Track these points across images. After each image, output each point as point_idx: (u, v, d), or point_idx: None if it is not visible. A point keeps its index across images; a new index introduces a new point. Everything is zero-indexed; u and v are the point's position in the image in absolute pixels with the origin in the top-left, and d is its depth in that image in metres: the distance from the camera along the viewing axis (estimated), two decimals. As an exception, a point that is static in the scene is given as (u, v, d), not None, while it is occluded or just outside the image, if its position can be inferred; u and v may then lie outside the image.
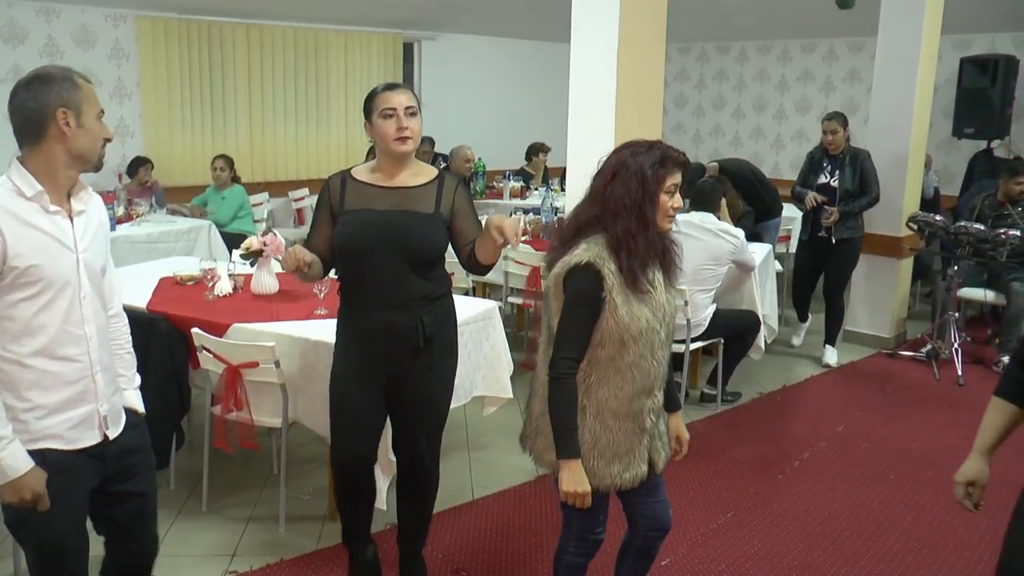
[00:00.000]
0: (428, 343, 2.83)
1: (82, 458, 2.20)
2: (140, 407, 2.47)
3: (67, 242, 2.14)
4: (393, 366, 2.84)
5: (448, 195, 2.84)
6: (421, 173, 2.87)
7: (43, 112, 2.08)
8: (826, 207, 5.69)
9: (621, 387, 2.38)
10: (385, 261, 2.74)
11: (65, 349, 2.14)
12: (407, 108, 2.74)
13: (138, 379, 2.51)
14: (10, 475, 2.04)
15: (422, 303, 2.80)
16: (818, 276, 6.08)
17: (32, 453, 2.11)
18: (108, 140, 2.21)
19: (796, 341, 6.34)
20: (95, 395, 2.21)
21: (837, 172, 5.72)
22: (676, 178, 2.38)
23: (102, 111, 2.20)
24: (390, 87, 2.80)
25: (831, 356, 6.00)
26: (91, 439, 2.21)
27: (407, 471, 3.07)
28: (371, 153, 3.02)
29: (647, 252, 2.36)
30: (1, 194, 2.06)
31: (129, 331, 2.49)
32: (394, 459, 3.15)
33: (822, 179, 5.79)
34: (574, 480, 2.35)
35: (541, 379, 2.48)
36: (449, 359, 2.96)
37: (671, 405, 2.63)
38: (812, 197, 5.75)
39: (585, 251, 2.34)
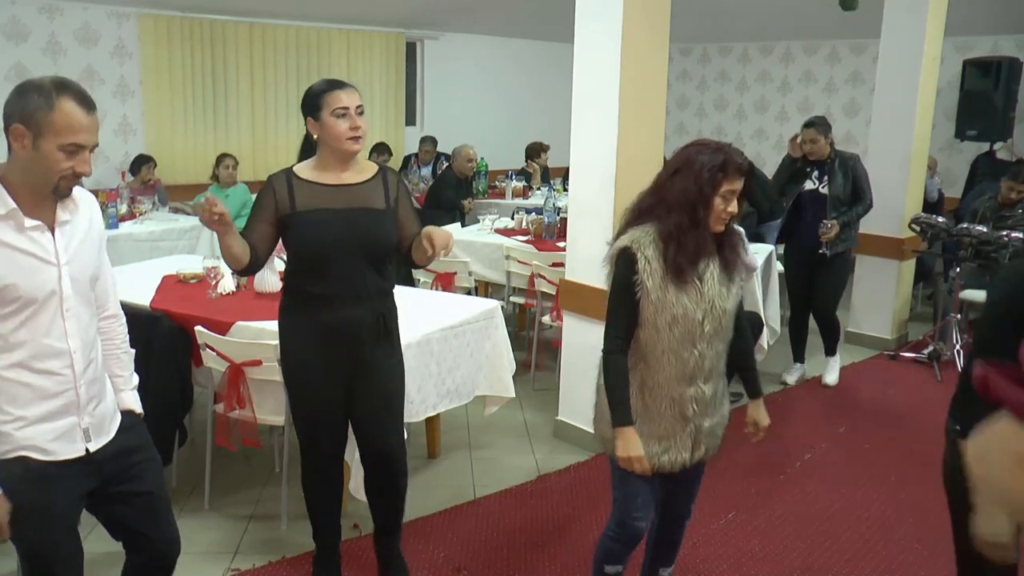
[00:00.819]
0: (388, 335, 2.91)
1: (68, 467, 2.14)
2: (138, 408, 2.42)
3: (47, 257, 2.05)
4: (355, 361, 2.87)
5: (393, 189, 2.90)
6: (364, 169, 2.90)
7: (6, 123, 1.99)
8: (825, 221, 5.16)
9: (658, 370, 2.49)
10: (347, 259, 2.78)
11: (46, 363, 2.07)
12: (358, 107, 2.77)
13: (135, 379, 2.46)
14: None
15: (378, 297, 2.87)
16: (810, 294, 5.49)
17: (13, 460, 2.06)
18: (78, 175, 2.03)
19: (790, 379, 5.61)
20: (78, 408, 2.14)
21: (826, 178, 5.25)
22: (735, 184, 2.44)
23: (75, 145, 1.99)
24: (338, 85, 2.81)
25: (832, 374, 5.58)
26: (73, 452, 2.15)
27: (379, 469, 3.08)
28: (306, 150, 2.92)
29: (697, 248, 2.44)
30: None
31: (127, 331, 2.44)
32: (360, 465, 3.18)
33: (809, 185, 5.30)
34: (627, 446, 2.48)
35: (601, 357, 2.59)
36: (400, 351, 3.02)
37: (750, 390, 2.79)
38: (832, 226, 5.16)
39: (628, 237, 2.47)
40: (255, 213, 2.84)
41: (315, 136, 2.81)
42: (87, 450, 2.18)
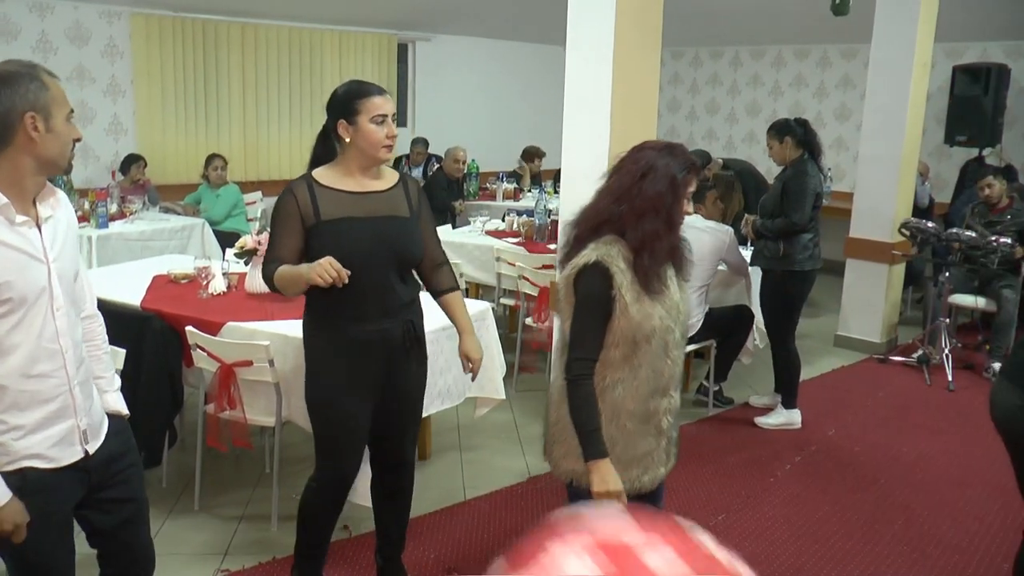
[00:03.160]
0: (418, 342, 2.85)
1: (65, 474, 2.11)
2: (124, 410, 2.36)
3: (36, 253, 2.01)
4: (386, 373, 2.78)
5: (415, 198, 2.83)
6: (384, 176, 2.79)
7: (9, 117, 1.91)
8: (748, 216, 4.94)
9: (636, 388, 2.36)
10: (378, 269, 2.68)
11: (40, 366, 2.02)
12: (393, 115, 2.71)
13: (118, 380, 2.41)
14: None
15: (407, 306, 2.79)
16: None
17: (13, 473, 2.01)
18: (78, 140, 2.06)
19: (756, 402, 5.24)
20: (74, 410, 2.10)
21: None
22: (694, 184, 2.40)
23: (71, 111, 2.03)
24: (377, 90, 2.69)
25: (771, 416, 4.91)
26: (73, 456, 2.11)
27: (391, 475, 3.03)
28: (321, 152, 2.78)
29: (669, 253, 2.38)
30: None
31: (105, 331, 2.37)
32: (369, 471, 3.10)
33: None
34: (604, 480, 2.29)
35: (557, 386, 2.45)
36: (426, 359, 2.96)
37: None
38: (748, 222, 4.96)
39: (593, 250, 2.33)
40: (281, 227, 2.68)
41: (346, 139, 2.67)
42: (86, 452, 2.14)
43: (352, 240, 2.64)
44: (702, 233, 4.60)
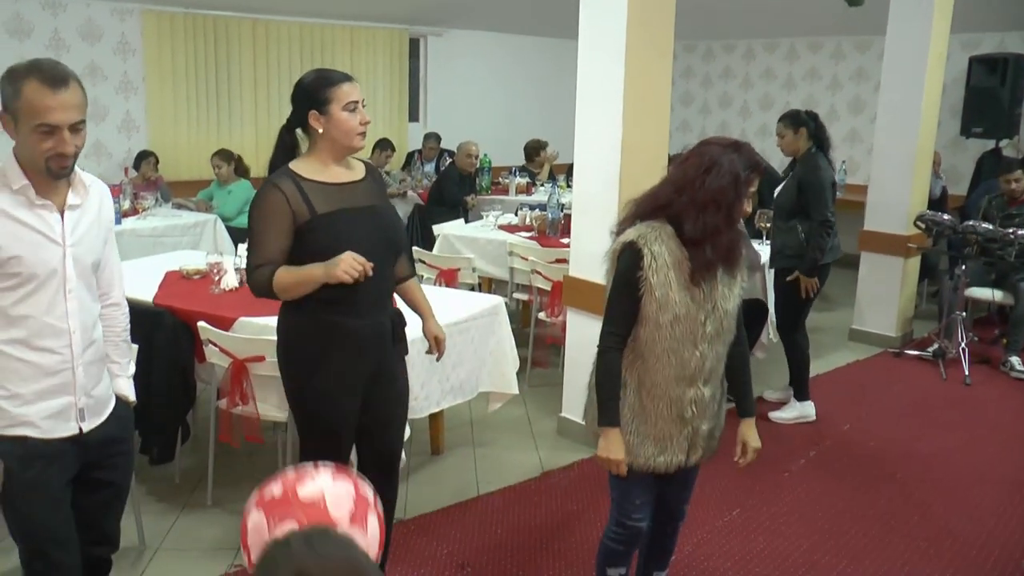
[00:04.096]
0: (401, 336, 2.83)
1: (63, 446, 2.21)
2: (131, 396, 2.48)
3: (53, 235, 2.12)
4: (377, 367, 2.72)
5: (380, 187, 2.82)
6: (355, 167, 2.73)
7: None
8: (763, 211, 4.82)
9: (658, 369, 2.44)
10: (376, 260, 2.57)
11: (45, 341, 2.13)
12: (363, 101, 2.63)
13: (132, 368, 2.52)
14: None
15: (390, 297, 2.81)
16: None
17: (12, 439, 2.13)
18: (60, 155, 2.05)
19: (769, 395, 5.13)
20: (73, 388, 2.20)
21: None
22: (755, 183, 2.45)
23: (46, 125, 2.00)
24: (344, 77, 2.61)
25: (783, 410, 4.86)
26: (66, 431, 2.21)
27: (381, 470, 2.84)
28: (284, 148, 2.71)
29: (730, 249, 2.42)
30: None
31: (128, 321, 2.48)
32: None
33: (778, 191, 4.84)
34: (609, 447, 2.46)
35: (595, 355, 2.55)
36: (406, 351, 2.91)
37: (741, 408, 2.67)
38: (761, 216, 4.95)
39: (635, 230, 2.41)
40: (268, 226, 2.54)
41: (319, 130, 2.58)
42: (80, 430, 2.24)
43: (351, 232, 2.57)
44: None
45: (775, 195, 4.88)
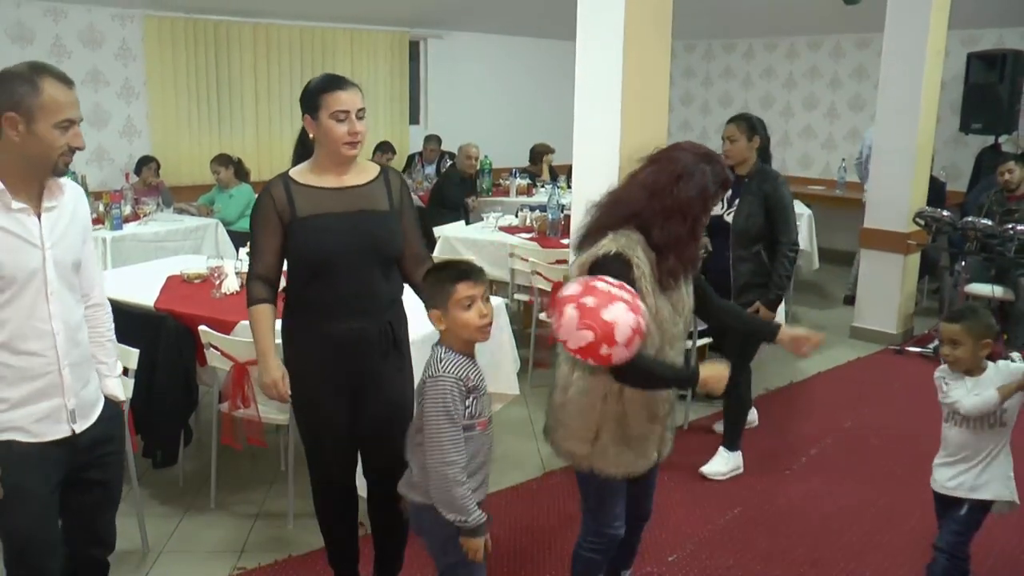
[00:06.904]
0: (396, 346, 2.75)
1: (49, 448, 2.20)
2: (121, 395, 2.50)
3: (31, 239, 2.12)
4: (360, 374, 2.69)
5: (396, 192, 2.75)
6: (365, 170, 2.72)
7: None
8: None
9: None
10: (354, 265, 2.60)
11: (28, 344, 2.13)
12: (359, 110, 2.58)
13: (119, 367, 2.54)
14: None
15: (387, 306, 2.72)
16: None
17: (1, 443, 2.12)
18: (75, 149, 2.12)
19: (719, 427, 4.44)
20: (61, 390, 2.20)
21: (737, 201, 3.99)
22: (718, 201, 2.50)
23: (68, 121, 2.09)
24: (340, 84, 2.58)
25: (712, 463, 4.10)
26: (57, 433, 2.21)
27: (383, 487, 2.80)
28: (302, 150, 2.73)
29: (692, 260, 2.45)
30: None
31: (112, 320, 2.50)
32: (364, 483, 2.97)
33: (716, 210, 3.68)
34: (714, 377, 2.43)
35: (562, 372, 2.54)
36: (410, 362, 2.84)
37: (768, 333, 2.78)
38: None
39: (612, 241, 2.39)
40: (260, 227, 2.63)
41: (311, 135, 2.63)
42: (72, 431, 2.24)
43: (328, 235, 2.59)
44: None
45: (726, 217, 4.02)
